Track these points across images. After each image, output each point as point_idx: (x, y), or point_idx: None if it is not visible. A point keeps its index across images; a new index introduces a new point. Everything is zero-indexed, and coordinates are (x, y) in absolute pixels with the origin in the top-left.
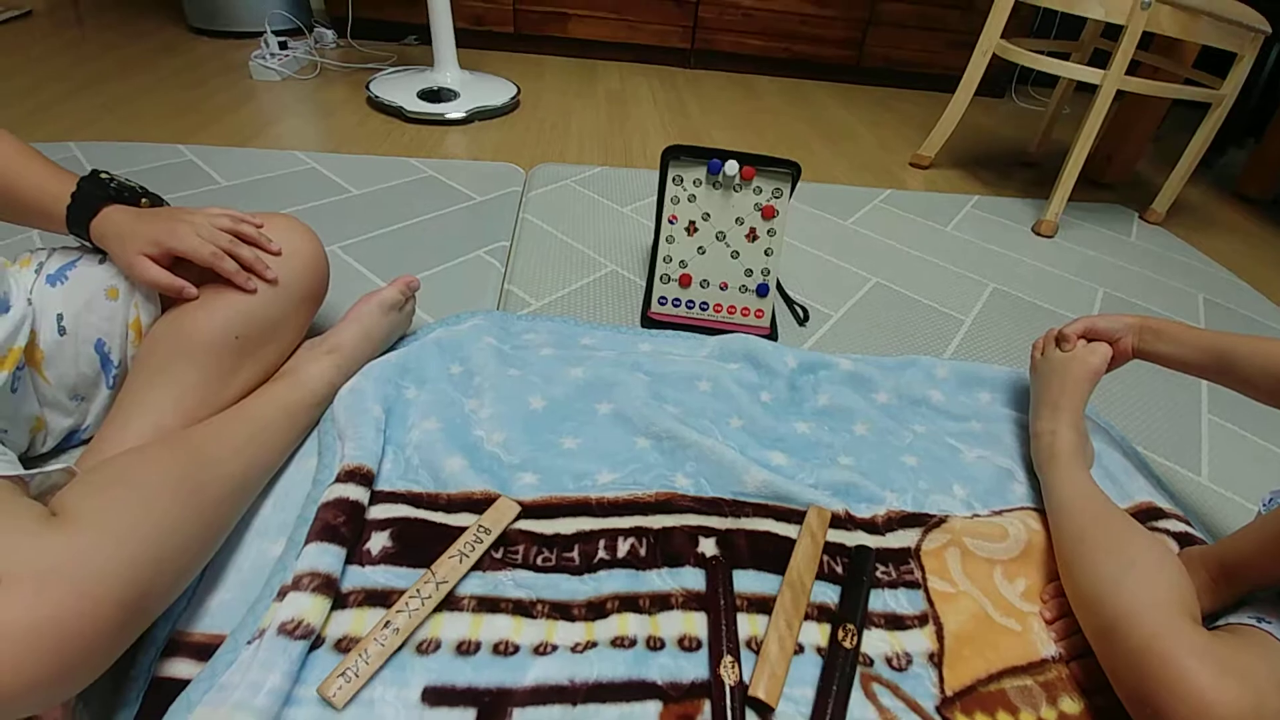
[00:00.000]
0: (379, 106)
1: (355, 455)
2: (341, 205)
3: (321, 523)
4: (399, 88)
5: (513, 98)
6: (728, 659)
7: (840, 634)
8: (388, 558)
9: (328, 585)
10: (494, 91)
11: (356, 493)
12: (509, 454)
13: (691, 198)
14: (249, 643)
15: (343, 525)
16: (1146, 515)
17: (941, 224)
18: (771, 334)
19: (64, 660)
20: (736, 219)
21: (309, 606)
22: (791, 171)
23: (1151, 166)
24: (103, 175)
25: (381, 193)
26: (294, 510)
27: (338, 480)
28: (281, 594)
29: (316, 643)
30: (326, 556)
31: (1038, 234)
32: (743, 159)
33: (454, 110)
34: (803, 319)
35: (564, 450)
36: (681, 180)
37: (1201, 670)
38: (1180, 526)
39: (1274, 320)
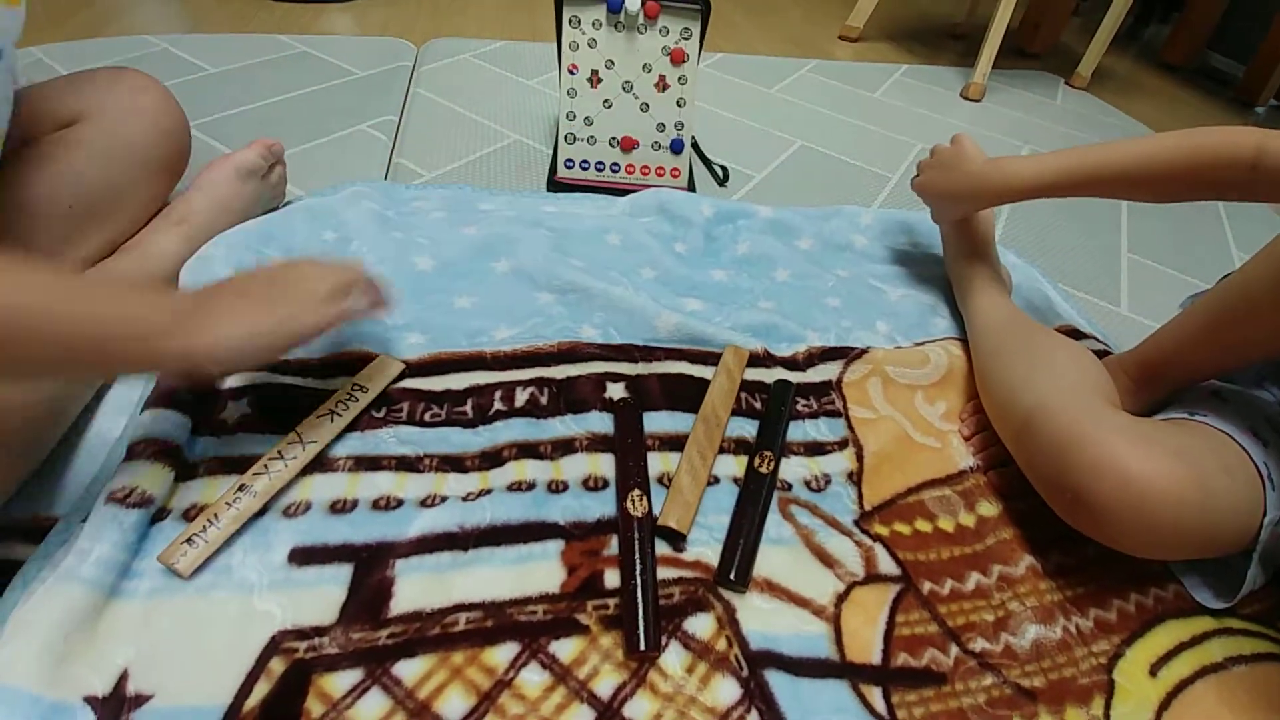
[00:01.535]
0: None
1: None
2: (197, 84)
3: (159, 391)
4: None
5: None
6: (635, 493)
7: (757, 461)
8: (245, 425)
9: (166, 452)
10: None
11: None
12: (391, 315)
13: (592, 42)
14: (83, 521)
15: (184, 392)
16: (1065, 335)
17: (869, 90)
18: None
19: None
20: (644, 66)
21: (143, 473)
22: (701, 8)
23: (1077, 38)
24: None
25: (244, 70)
26: (136, 389)
27: None
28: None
29: (161, 515)
30: (163, 423)
31: (966, 98)
32: None
33: None
34: (723, 179)
35: (456, 309)
36: (579, 22)
37: (1122, 444)
38: (1099, 346)
39: None
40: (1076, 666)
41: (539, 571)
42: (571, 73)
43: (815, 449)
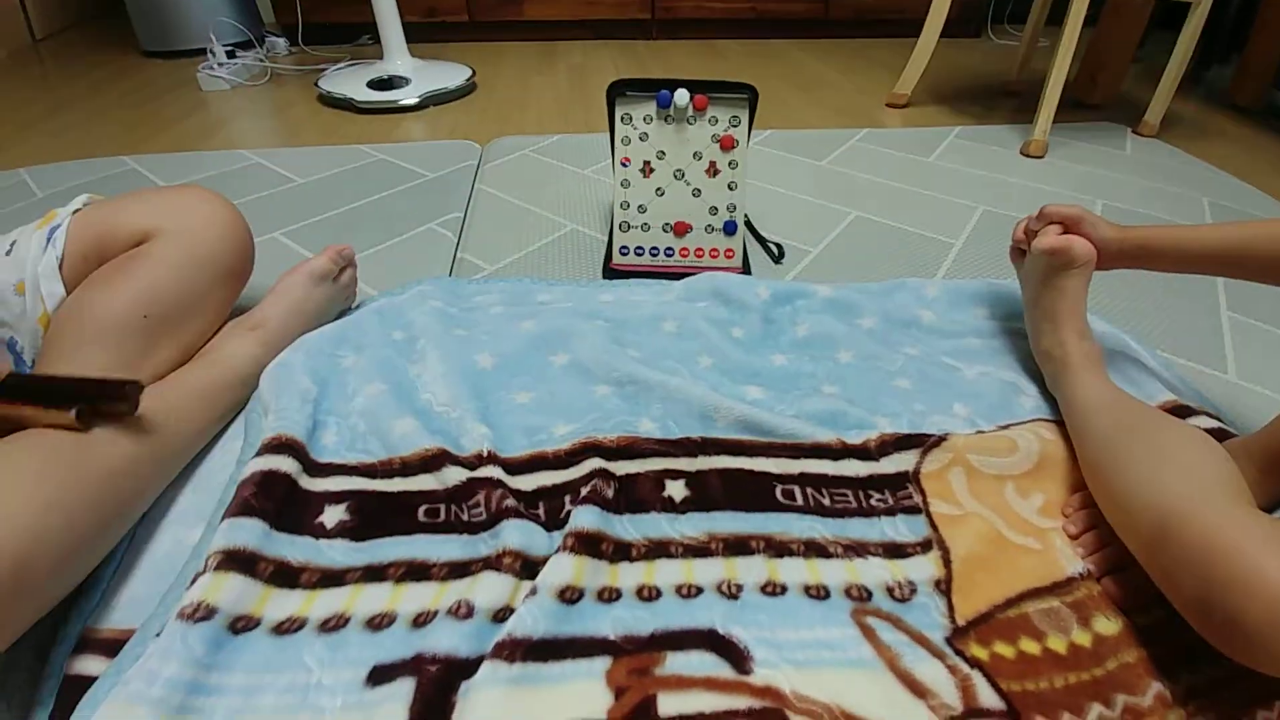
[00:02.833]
0: (329, 101)
1: (276, 426)
2: (286, 195)
3: (239, 499)
4: (349, 81)
5: (468, 80)
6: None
7: None
8: (345, 532)
9: (239, 560)
10: (448, 75)
11: (281, 463)
12: (456, 412)
13: (643, 136)
14: (158, 635)
15: (260, 498)
16: (1175, 414)
17: (924, 155)
18: (745, 274)
19: None
20: (694, 154)
21: (210, 586)
22: (748, 96)
23: (1139, 86)
24: None
25: (328, 179)
26: (215, 495)
27: (258, 454)
28: (194, 580)
29: (251, 625)
30: (240, 533)
31: (1026, 155)
32: (694, 87)
33: (406, 96)
34: (778, 257)
35: (516, 405)
36: (630, 118)
37: (1275, 559)
38: (1212, 423)
39: None
40: None
41: (585, 694)
42: (624, 165)
43: (895, 551)
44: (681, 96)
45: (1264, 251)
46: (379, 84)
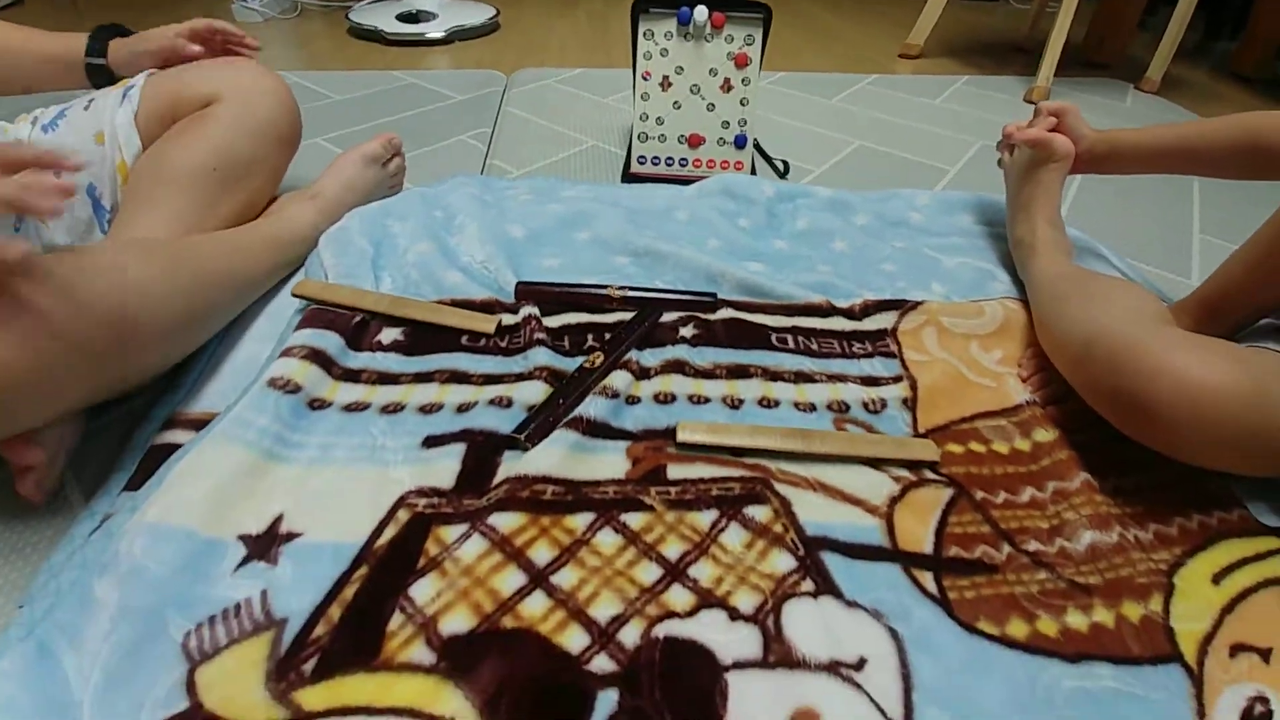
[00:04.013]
0: (359, 33)
1: (340, 277)
2: (323, 109)
3: (316, 313)
4: (378, 13)
5: (492, 18)
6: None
7: (586, 362)
8: (397, 347)
9: (318, 356)
10: (473, 12)
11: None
12: (494, 266)
13: (664, 51)
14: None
15: (333, 319)
16: None
17: (930, 98)
18: None
19: (45, 358)
20: (710, 70)
21: (296, 368)
22: (763, 16)
23: (1146, 51)
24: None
25: (363, 98)
26: (284, 320)
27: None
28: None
29: (323, 405)
30: (317, 338)
31: (1029, 102)
32: (712, 4)
33: (433, 30)
34: (783, 173)
35: (545, 268)
36: (653, 34)
37: (1178, 349)
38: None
39: None
40: (1134, 568)
41: (608, 461)
42: (645, 79)
43: (871, 381)
44: (700, 13)
45: (1223, 141)
46: (407, 17)
